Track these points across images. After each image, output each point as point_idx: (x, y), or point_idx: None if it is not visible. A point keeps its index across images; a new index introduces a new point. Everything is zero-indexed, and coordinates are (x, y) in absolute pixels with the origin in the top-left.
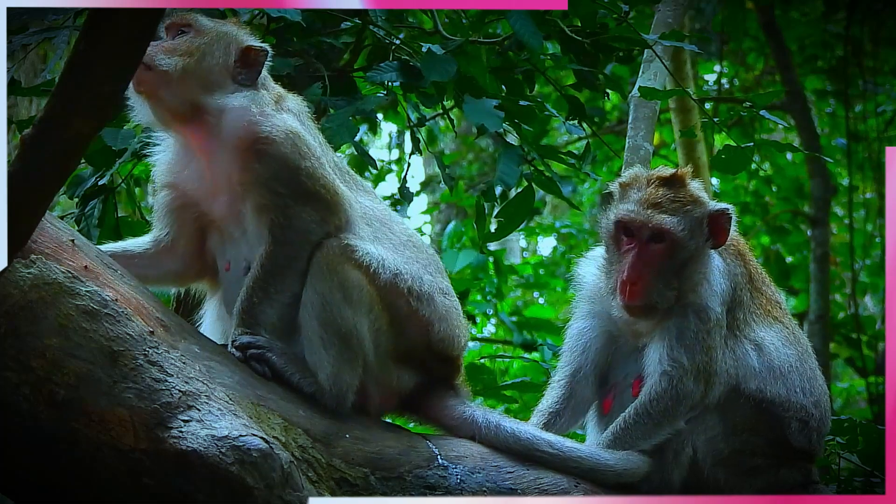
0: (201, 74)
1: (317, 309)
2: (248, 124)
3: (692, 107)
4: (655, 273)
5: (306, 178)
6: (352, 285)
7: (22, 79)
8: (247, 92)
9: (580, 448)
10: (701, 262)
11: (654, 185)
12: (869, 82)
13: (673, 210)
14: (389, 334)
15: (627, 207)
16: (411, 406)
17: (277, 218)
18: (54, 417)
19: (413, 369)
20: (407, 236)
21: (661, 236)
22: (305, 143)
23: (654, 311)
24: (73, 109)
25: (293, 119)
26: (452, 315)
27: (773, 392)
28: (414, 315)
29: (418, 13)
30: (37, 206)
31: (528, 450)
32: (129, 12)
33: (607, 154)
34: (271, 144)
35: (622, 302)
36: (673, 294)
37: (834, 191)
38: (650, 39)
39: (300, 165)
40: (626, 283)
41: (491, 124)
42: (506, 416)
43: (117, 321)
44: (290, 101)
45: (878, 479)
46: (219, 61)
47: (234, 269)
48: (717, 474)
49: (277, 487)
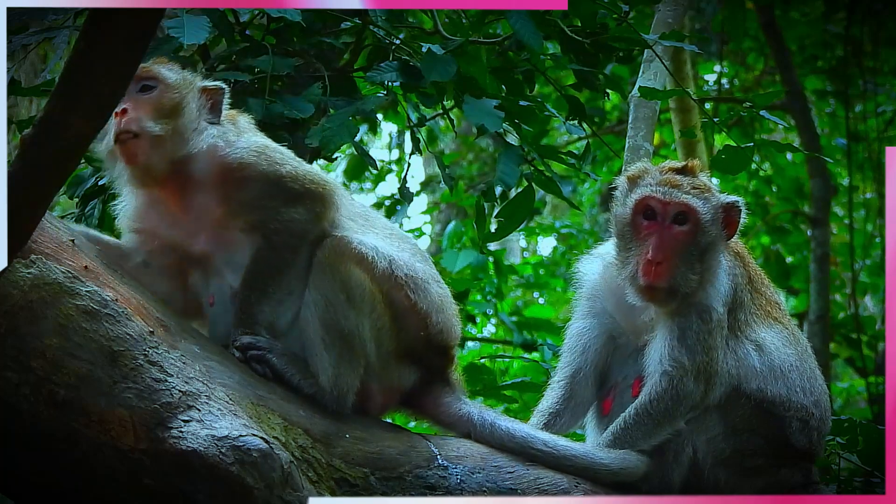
0: (185, 130)
1: (320, 310)
2: (219, 160)
3: (692, 107)
4: (679, 255)
5: (291, 181)
6: (354, 285)
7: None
8: (211, 129)
9: (574, 446)
10: (718, 253)
11: (669, 172)
12: (869, 82)
13: (695, 193)
14: (391, 332)
15: (648, 190)
16: (407, 402)
17: (271, 224)
18: (54, 417)
19: (413, 365)
20: (389, 229)
21: (685, 216)
22: (276, 150)
23: (673, 296)
24: (73, 109)
25: (254, 135)
26: (447, 304)
27: (774, 392)
28: (413, 309)
29: (418, 13)
30: (37, 206)
31: (522, 448)
32: (129, 12)
33: (607, 154)
34: (247, 168)
35: (644, 282)
36: (695, 280)
37: (834, 191)
38: (650, 39)
39: (281, 173)
40: (652, 262)
41: (491, 124)
42: (501, 415)
43: (117, 321)
44: (241, 120)
45: (878, 479)
46: (194, 113)
47: (219, 301)
48: (718, 474)
49: (277, 487)
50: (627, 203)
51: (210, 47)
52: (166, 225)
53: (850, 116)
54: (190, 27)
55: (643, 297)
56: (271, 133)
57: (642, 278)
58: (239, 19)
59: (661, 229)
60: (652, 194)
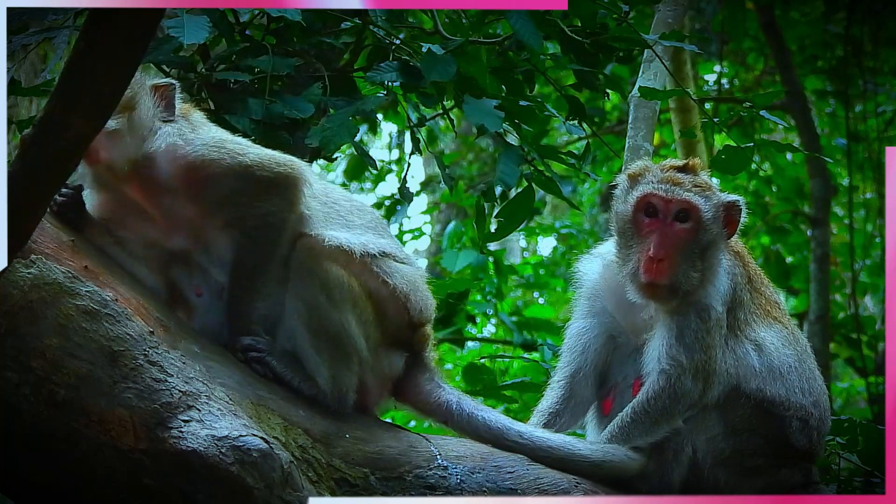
0: (141, 127)
1: (304, 317)
2: (181, 159)
3: (692, 107)
4: (681, 253)
5: (259, 169)
6: (333, 283)
7: (22, 79)
8: (166, 128)
9: (551, 438)
10: (718, 251)
11: (670, 171)
12: (869, 82)
13: (696, 191)
14: (376, 322)
15: (649, 188)
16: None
17: (249, 220)
18: (54, 417)
19: (399, 351)
20: (349, 202)
21: (686, 214)
22: (234, 141)
23: (674, 294)
24: (73, 109)
25: (210, 130)
26: (420, 281)
27: (774, 392)
28: (393, 294)
29: (418, 13)
30: (37, 206)
31: (497, 438)
32: (129, 12)
33: (607, 154)
34: (210, 165)
35: (645, 279)
36: (697, 277)
37: (834, 191)
38: (650, 39)
39: (247, 163)
40: (654, 259)
41: (491, 124)
42: (480, 405)
43: (117, 321)
44: (195, 115)
45: (878, 479)
46: (149, 110)
47: (208, 293)
48: (717, 474)
49: (277, 487)
50: (629, 200)
51: (210, 47)
52: (141, 224)
53: (850, 116)
54: (190, 27)
55: (644, 294)
56: (271, 133)
57: (643, 275)
58: (239, 19)
59: (663, 226)
60: (654, 191)
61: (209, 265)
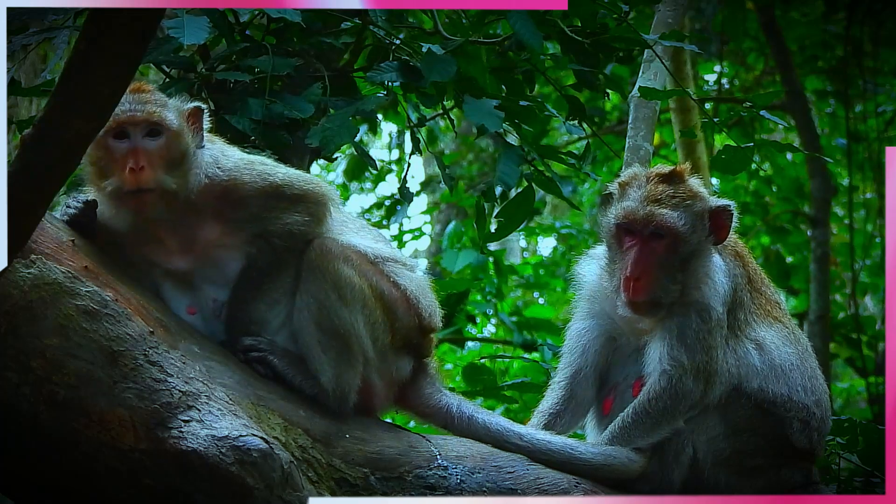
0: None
1: (313, 313)
2: (216, 186)
3: (692, 107)
4: (658, 269)
5: (287, 188)
6: (344, 283)
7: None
8: (202, 156)
9: (552, 440)
10: (703, 258)
11: (653, 182)
12: (869, 82)
13: (673, 205)
14: (385, 325)
15: (627, 206)
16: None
17: (273, 228)
18: (54, 417)
19: (407, 355)
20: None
21: (661, 232)
22: (262, 162)
23: (658, 307)
24: (73, 109)
25: (236, 151)
26: (427, 289)
27: (775, 391)
28: (403, 297)
29: (418, 13)
30: (37, 206)
31: (498, 441)
32: (129, 12)
33: (607, 154)
34: (243, 187)
35: (626, 299)
36: (677, 289)
37: (834, 191)
38: (650, 39)
39: (277, 182)
40: (630, 279)
41: (491, 124)
42: (480, 408)
43: (117, 321)
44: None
45: (878, 479)
46: (191, 148)
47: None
48: (718, 474)
49: (277, 487)
50: (610, 216)
51: (210, 47)
52: (146, 247)
53: (850, 116)
54: (190, 27)
55: (629, 309)
56: (271, 133)
57: (623, 293)
58: (239, 19)
59: (641, 243)
60: (630, 212)
61: (206, 284)
